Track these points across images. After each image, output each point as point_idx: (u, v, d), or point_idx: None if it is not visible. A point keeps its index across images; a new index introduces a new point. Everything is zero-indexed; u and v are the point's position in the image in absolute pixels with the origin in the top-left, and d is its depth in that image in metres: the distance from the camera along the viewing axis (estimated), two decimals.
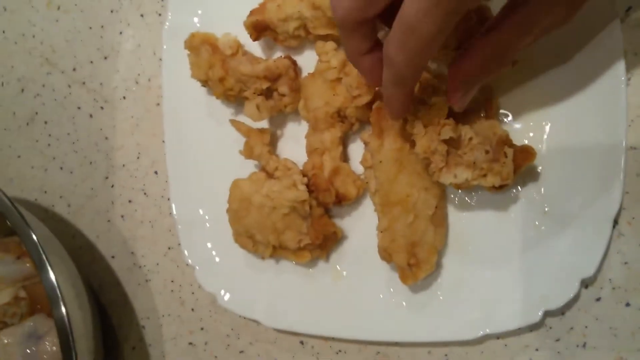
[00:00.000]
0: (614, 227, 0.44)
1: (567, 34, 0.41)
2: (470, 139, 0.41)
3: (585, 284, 0.45)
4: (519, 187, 0.46)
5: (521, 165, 0.42)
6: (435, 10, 0.29)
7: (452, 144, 0.41)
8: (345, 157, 0.50)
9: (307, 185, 0.48)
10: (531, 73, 0.45)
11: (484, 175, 0.40)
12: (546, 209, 0.45)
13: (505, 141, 0.42)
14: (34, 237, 0.52)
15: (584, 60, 0.43)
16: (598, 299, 0.45)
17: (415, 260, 0.43)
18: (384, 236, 0.44)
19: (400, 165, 0.43)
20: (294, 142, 0.53)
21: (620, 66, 0.42)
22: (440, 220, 0.44)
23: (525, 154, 0.42)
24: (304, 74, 0.52)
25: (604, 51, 0.43)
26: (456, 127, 0.41)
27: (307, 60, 0.52)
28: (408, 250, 0.43)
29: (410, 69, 0.34)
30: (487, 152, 0.40)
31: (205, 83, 0.53)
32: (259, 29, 0.50)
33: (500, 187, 0.41)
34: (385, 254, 0.44)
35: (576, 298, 0.45)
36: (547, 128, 0.45)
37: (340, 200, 0.48)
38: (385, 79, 0.36)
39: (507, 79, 0.45)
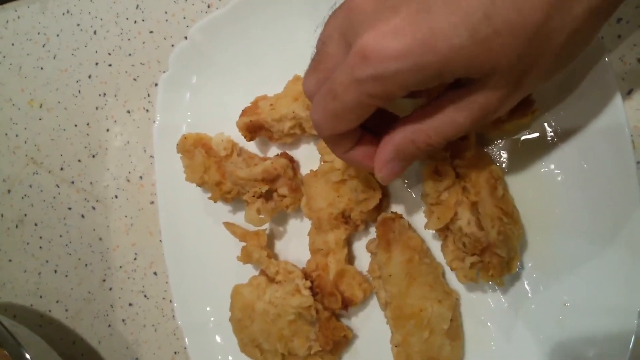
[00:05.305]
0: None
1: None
2: (460, 229, 0.40)
3: None
4: (534, 275, 0.44)
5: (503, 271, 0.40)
6: (359, 88, 0.30)
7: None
8: (350, 258, 0.48)
9: (311, 288, 0.46)
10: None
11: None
12: (566, 299, 0.43)
13: (488, 245, 0.39)
14: (27, 356, 0.50)
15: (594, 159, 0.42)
16: None
17: None
18: (399, 352, 0.42)
19: (410, 278, 0.41)
20: (296, 239, 0.51)
21: (629, 153, 0.41)
22: (456, 333, 0.42)
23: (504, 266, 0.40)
24: (302, 167, 0.51)
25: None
26: (448, 211, 0.40)
27: (305, 154, 0.50)
28: None
29: (327, 130, 0.35)
30: (472, 251, 0.40)
31: (200, 185, 0.51)
32: (252, 129, 0.48)
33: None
34: None
35: None
36: (560, 216, 0.44)
37: (347, 305, 0.46)
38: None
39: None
